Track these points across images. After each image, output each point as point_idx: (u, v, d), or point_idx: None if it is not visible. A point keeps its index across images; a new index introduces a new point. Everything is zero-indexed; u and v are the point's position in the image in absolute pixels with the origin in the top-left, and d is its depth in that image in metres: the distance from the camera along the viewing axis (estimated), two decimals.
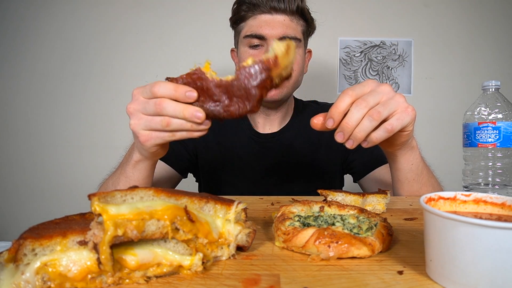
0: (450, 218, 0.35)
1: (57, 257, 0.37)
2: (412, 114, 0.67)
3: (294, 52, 0.57)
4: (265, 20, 1.07)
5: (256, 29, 1.07)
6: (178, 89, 0.57)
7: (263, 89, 0.56)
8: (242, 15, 1.10)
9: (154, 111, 0.61)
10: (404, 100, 0.67)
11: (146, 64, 2.00)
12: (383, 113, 0.63)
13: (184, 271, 0.41)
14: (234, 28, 1.18)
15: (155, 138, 0.64)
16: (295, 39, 1.09)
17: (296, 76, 1.13)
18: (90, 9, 1.98)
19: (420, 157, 0.87)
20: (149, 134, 0.64)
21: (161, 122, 0.60)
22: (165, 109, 0.59)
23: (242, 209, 0.48)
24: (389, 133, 0.65)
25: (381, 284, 0.38)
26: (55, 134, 2.01)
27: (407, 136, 0.74)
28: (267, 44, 1.08)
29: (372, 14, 1.96)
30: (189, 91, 0.57)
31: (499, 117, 0.81)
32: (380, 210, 0.72)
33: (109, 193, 0.38)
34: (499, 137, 0.80)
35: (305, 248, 0.46)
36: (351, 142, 0.64)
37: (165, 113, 0.60)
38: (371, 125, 0.63)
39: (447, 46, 1.96)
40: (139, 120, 0.63)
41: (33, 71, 2.00)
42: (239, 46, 1.15)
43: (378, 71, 1.98)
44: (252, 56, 1.05)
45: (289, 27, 1.08)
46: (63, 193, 2.01)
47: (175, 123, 0.60)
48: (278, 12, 1.07)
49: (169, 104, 0.59)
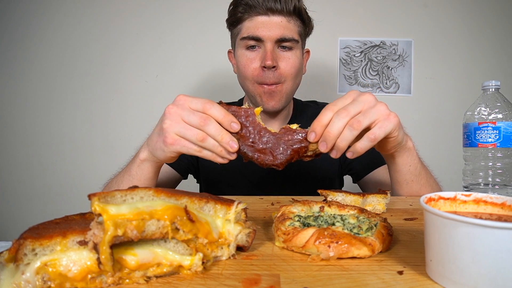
0: (450, 218, 0.35)
1: (57, 257, 0.37)
2: (394, 121, 0.68)
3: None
4: (262, 22, 1.06)
5: (253, 30, 1.06)
6: (227, 117, 0.63)
7: (295, 154, 0.64)
8: (238, 17, 1.09)
9: (197, 123, 0.65)
10: (385, 108, 0.68)
11: (146, 64, 2.00)
12: (363, 122, 0.64)
13: (184, 271, 0.41)
14: (231, 30, 1.17)
15: (182, 146, 0.67)
16: (292, 40, 1.08)
17: (293, 79, 1.12)
18: (90, 9, 1.98)
19: (418, 158, 0.87)
20: (178, 140, 0.67)
21: (197, 135, 0.64)
22: (208, 125, 0.64)
23: (242, 209, 0.48)
24: (373, 142, 0.66)
25: (381, 284, 0.38)
26: (55, 134, 2.01)
27: (395, 142, 0.74)
28: (264, 46, 1.07)
29: (372, 14, 1.96)
30: (235, 122, 0.63)
31: (499, 117, 0.81)
32: (380, 210, 0.72)
33: (109, 193, 0.38)
34: (499, 137, 0.80)
35: (305, 248, 0.46)
36: (334, 152, 0.65)
37: (206, 130, 0.64)
38: (352, 134, 0.63)
39: (447, 46, 1.96)
40: (176, 124, 0.67)
41: (33, 71, 2.00)
42: (236, 48, 1.15)
43: (378, 71, 1.98)
44: (250, 60, 1.08)
45: (286, 29, 1.07)
46: (63, 193, 2.01)
47: (209, 142, 0.64)
48: (274, 14, 1.06)
49: (213, 124, 0.64)
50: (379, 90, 1.97)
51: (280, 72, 1.08)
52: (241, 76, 1.14)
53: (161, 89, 1.99)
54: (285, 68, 1.09)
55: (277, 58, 1.07)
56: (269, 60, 1.05)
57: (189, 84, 2.00)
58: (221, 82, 1.98)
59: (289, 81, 1.11)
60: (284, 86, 1.11)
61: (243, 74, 1.12)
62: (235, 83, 1.26)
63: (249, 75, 1.10)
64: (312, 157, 0.67)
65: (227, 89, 1.94)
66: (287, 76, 1.10)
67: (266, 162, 0.63)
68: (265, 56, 1.06)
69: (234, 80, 1.26)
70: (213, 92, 1.98)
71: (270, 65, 1.05)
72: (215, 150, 0.65)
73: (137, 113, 1.98)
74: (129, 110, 1.99)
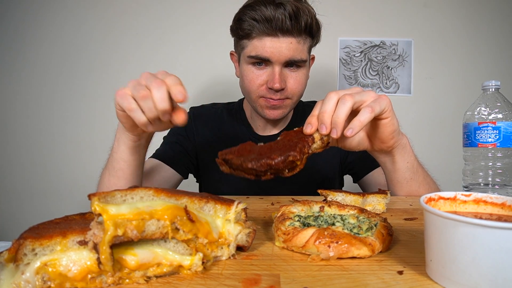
0: (450, 218, 0.35)
1: (57, 257, 0.37)
2: (386, 98, 0.69)
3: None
4: (271, 43, 1.00)
5: (261, 51, 1.02)
6: (178, 86, 0.62)
7: (305, 143, 0.61)
8: (246, 33, 1.03)
9: (148, 84, 0.63)
10: (374, 92, 0.69)
11: (146, 64, 1.99)
12: (355, 96, 0.65)
13: (184, 271, 0.41)
14: (235, 39, 1.13)
15: (123, 99, 0.65)
16: (301, 61, 1.05)
17: (299, 95, 1.12)
18: (89, 9, 1.98)
19: (414, 156, 0.87)
20: (124, 94, 0.65)
21: (140, 91, 0.62)
22: (156, 88, 0.61)
23: (242, 209, 0.48)
24: (371, 114, 0.65)
25: (381, 284, 0.38)
26: (55, 134, 2.01)
27: (391, 125, 0.74)
28: (272, 66, 1.04)
29: (372, 14, 1.96)
30: (182, 93, 0.61)
31: (499, 117, 0.81)
32: (380, 210, 0.72)
33: (109, 193, 0.38)
34: (499, 137, 0.80)
35: (305, 248, 0.46)
36: (334, 131, 0.63)
37: (152, 92, 0.61)
38: (346, 106, 0.63)
39: (447, 46, 1.96)
40: (135, 82, 0.65)
41: (33, 71, 2.00)
42: (241, 60, 1.11)
43: (378, 71, 1.98)
44: (256, 76, 1.06)
45: (296, 50, 1.02)
46: (63, 193, 2.01)
47: (147, 103, 0.62)
48: (285, 34, 0.99)
49: (162, 89, 0.61)
50: (379, 90, 1.97)
51: (287, 92, 1.07)
52: (245, 88, 1.12)
53: None
54: (292, 87, 1.07)
55: (285, 79, 1.05)
56: (277, 83, 1.02)
57: (190, 84, 1.99)
58: (222, 82, 1.98)
59: (296, 97, 1.11)
60: (291, 101, 1.11)
61: (247, 88, 1.10)
62: (234, 84, 1.26)
63: (253, 90, 1.08)
64: (322, 147, 0.65)
65: (228, 90, 1.95)
66: (294, 93, 1.09)
67: (282, 157, 0.57)
68: (273, 79, 1.03)
69: (234, 80, 1.26)
70: (214, 92, 1.98)
71: (278, 88, 1.03)
72: (147, 113, 0.63)
73: None
74: None
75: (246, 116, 1.27)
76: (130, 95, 0.64)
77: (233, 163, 0.62)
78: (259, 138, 1.23)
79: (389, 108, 0.71)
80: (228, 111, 1.30)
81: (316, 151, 0.65)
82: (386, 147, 0.80)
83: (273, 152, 0.58)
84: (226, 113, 1.29)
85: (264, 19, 0.98)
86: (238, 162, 0.60)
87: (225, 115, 1.29)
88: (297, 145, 0.60)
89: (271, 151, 0.59)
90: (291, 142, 0.62)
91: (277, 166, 0.57)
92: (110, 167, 0.85)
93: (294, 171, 0.60)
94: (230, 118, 1.28)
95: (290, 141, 0.62)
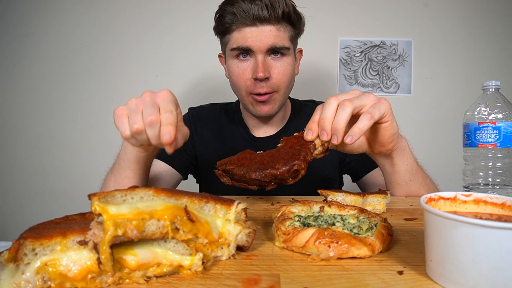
0: (450, 218, 0.35)
1: (57, 257, 0.37)
2: (386, 102, 0.70)
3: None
4: (251, 32, 1.02)
5: (242, 41, 1.03)
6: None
7: (307, 151, 0.62)
8: (226, 27, 1.06)
9: (154, 108, 0.67)
10: (374, 95, 0.70)
11: (145, 64, 2.00)
12: (354, 101, 0.66)
13: (184, 271, 0.41)
14: (219, 38, 1.15)
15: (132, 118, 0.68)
16: (284, 48, 1.05)
17: (286, 87, 1.11)
18: (89, 9, 1.98)
19: (413, 157, 0.87)
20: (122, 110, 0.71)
21: (151, 115, 0.65)
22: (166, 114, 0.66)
23: (242, 209, 0.48)
24: (371, 120, 0.65)
25: (381, 284, 0.38)
26: (55, 134, 2.01)
27: (391, 129, 0.74)
28: (255, 57, 1.05)
29: (372, 14, 1.96)
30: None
31: (499, 117, 0.81)
32: (380, 210, 0.72)
33: (109, 193, 0.38)
34: (499, 137, 0.80)
35: (305, 248, 0.46)
36: (335, 138, 0.64)
37: (162, 117, 0.65)
38: (345, 112, 0.64)
39: (447, 46, 1.96)
40: (139, 100, 0.70)
41: (33, 71, 2.00)
42: (226, 57, 1.13)
43: (378, 71, 1.98)
44: (242, 71, 1.07)
45: (277, 37, 1.04)
46: (63, 193, 2.01)
47: (153, 129, 0.65)
48: (263, 23, 1.02)
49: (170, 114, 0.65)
50: (379, 90, 1.97)
51: (272, 82, 1.07)
52: (233, 85, 1.14)
53: (161, 89, 1.99)
54: (277, 77, 1.07)
55: (269, 68, 1.06)
56: (260, 72, 1.03)
57: (189, 84, 2.00)
58: (221, 82, 1.98)
59: (282, 89, 1.10)
60: (277, 95, 1.10)
61: (235, 84, 1.12)
62: None
63: (241, 86, 1.09)
64: (323, 153, 0.66)
65: (227, 89, 1.93)
66: (280, 85, 1.09)
67: (287, 167, 0.57)
68: (257, 68, 1.04)
69: None
70: (213, 92, 1.98)
71: (262, 77, 1.03)
72: (142, 142, 0.68)
73: None
74: None
75: (242, 116, 1.27)
76: (127, 121, 0.68)
77: (235, 173, 0.61)
78: (255, 139, 1.22)
79: (389, 112, 0.71)
80: (226, 111, 1.30)
81: (317, 157, 0.66)
82: (385, 150, 0.80)
83: (276, 162, 0.58)
84: (224, 114, 1.29)
85: (241, 10, 1.00)
86: (240, 173, 0.59)
87: (223, 115, 1.29)
88: (300, 153, 0.60)
89: (274, 160, 0.59)
90: (294, 149, 0.62)
91: (282, 175, 0.57)
92: (116, 173, 0.86)
93: (297, 179, 0.61)
94: (228, 119, 1.28)
95: (292, 148, 0.62)
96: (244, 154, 0.65)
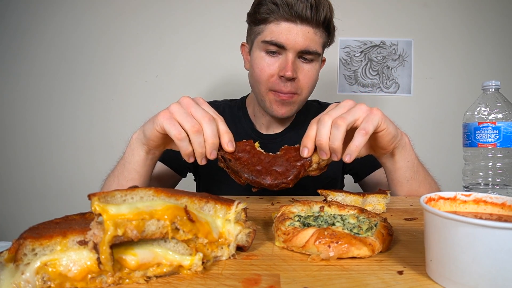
0: (450, 218, 0.35)
1: (57, 257, 0.37)
2: (378, 113, 0.70)
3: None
4: (288, 29, 0.98)
5: (277, 36, 0.99)
6: (229, 133, 0.70)
7: (301, 168, 0.67)
8: (263, 17, 1.01)
9: (199, 118, 0.69)
10: (365, 106, 0.71)
11: (145, 64, 2.00)
12: (346, 117, 0.67)
13: (184, 271, 0.41)
14: (250, 26, 1.10)
15: (171, 125, 0.69)
16: (315, 53, 1.03)
17: (309, 91, 1.10)
18: (89, 9, 1.98)
19: (415, 154, 0.87)
20: (171, 119, 0.69)
21: (194, 126, 0.67)
22: (208, 125, 0.68)
23: (242, 209, 0.48)
24: (365, 136, 0.67)
25: (381, 284, 0.38)
26: (55, 134, 2.01)
27: (388, 134, 0.74)
28: (285, 54, 1.01)
29: (372, 14, 1.96)
30: (232, 142, 0.69)
31: (499, 117, 0.81)
32: (380, 210, 0.72)
33: (109, 193, 0.38)
34: (499, 137, 0.80)
35: (305, 248, 0.46)
36: (334, 156, 0.67)
37: (204, 127, 0.68)
38: (340, 131, 0.66)
39: (447, 46, 1.96)
40: (181, 109, 0.70)
41: (32, 71, 2.00)
42: (253, 47, 1.09)
43: (378, 71, 1.98)
44: (268, 65, 1.05)
45: (312, 41, 1.00)
46: (63, 193, 2.01)
47: (198, 138, 0.67)
48: (303, 23, 0.98)
49: (213, 127, 0.68)
50: (379, 90, 1.97)
51: (298, 84, 1.05)
52: (255, 78, 1.09)
53: (161, 89, 1.99)
54: (303, 80, 1.05)
55: (297, 70, 1.03)
56: (289, 71, 1.00)
57: (189, 84, 2.00)
58: (221, 82, 1.98)
59: (305, 93, 1.08)
60: (299, 97, 1.08)
61: (257, 78, 1.07)
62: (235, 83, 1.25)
63: (263, 80, 1.05)
64: (318, 170, 0.70)
65: (227, 89, 1.94)
66: (303, 88, 1.06)
67: (276, 182, 0.64)
68: (286, 67, 1.00)
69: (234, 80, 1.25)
70: (213, 91, 1.98)
71: (290, 76, 1.00)
72: (197, 148, 0.67)
73: (137, 113, 1.98)
74: (129, 110, 1.99)
75: (248, 113, 1.26)
76: (178, 124, 0.68)
77: (231, 165, 0.67)
78: (261, 137, 1.21)
79: (382, 121, 0.71)
80: (230, 108, 1.29)
81: (310, 173, 0.69)
82: (387, 152, 0.81)
83: (268, 172, 0.64)
84: (228, 110, 1.28)
85: (285, 3, 0.97)
86: (235, 168, 0.66)
87: (227, 112, 1.27)
88: (293, 169, 0.65)
89: (267, 169, 0.65)
90: (289, 164, 0.66)
91: (269, 187, 0.64)
92: (121, 176, 0.85)
93: (282, 189, 0.66)
94: (232, 116, 1.26)
95: (288, 162, 0.67)
96: (245, 146, 0.69)
